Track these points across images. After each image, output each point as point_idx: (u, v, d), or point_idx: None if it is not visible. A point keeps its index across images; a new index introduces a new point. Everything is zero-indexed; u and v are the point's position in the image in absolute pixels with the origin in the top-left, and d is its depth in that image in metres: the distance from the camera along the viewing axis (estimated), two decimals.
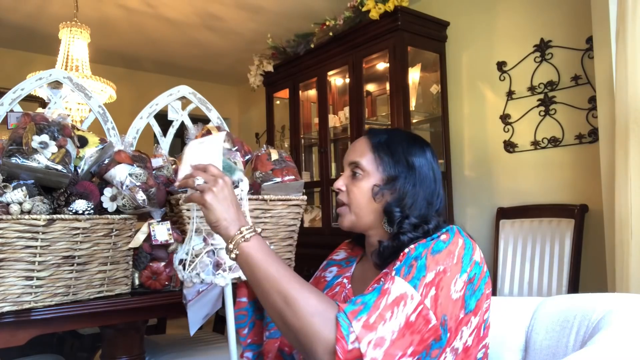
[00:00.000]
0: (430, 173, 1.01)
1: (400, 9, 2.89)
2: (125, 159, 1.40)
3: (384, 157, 1.00)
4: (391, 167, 0.99)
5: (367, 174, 1.00)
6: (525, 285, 2.50)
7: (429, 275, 0.84)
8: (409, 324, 0.79)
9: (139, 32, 4.03)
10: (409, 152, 1.01)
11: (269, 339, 1.11)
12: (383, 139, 1.02)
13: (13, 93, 1.68)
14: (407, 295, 0.81)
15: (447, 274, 0.85)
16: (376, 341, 0.76)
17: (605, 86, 2.12)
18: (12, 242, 1.16)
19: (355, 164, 1.01)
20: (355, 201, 1.00)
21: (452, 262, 0.86)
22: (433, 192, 1.00)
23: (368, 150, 1.01)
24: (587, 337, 0.91)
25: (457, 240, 0.90)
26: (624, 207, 1.90)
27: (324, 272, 1.16)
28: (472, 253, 0.90)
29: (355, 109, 3.23)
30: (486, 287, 0.91)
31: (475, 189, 3.01)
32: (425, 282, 0.83)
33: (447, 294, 0.84)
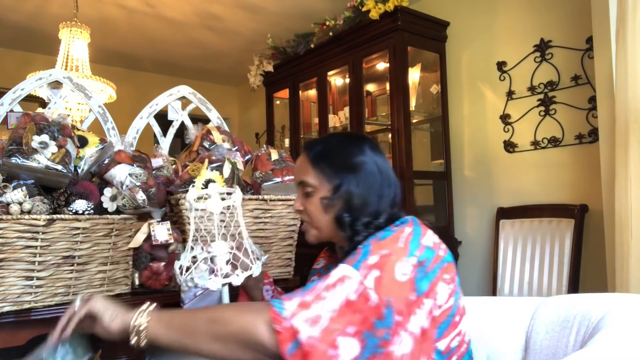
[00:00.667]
0: (373, 167, 1.01)
1: (400, 9, 2.89)
2: (125, 159, 1.40)
3: (324, 168, 1.02)
4: (333, 175, 1.01)
5: (315, 189, 1.02)
6: (525, 285, 2.50)
7: (372, 258, 0.86)
8: (349, 303, 0.81)
9: (139, 32, 4.03)
10: (346, 155, 1.02)
11: None
12: (319, 150, 1.04)
13: (13, 93, 1.68)
14: (347, 276, 0.84)
15: (392, 257, 0.87)
16: (313, 319, 0.79)
17: (605, 86, 2.12)
18: (12, 242, 1.16)
19: (302, 183, 1.04)
20: (313, 217, 1.04)
21: (397, 246, 0.89)
22: (381, 184, 1.01)
23: (309, 166, 1.03)
24: (587, 337, 0.91)
25: (405, 228, 0.93)
26: (624, 207, 1.90)
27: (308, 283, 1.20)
28: (420, 238, 0.92)
29: (355, 109, 3.23)
30: (444, 271, 0.92)
31: (475, 189, 3.01)
32: (367, 264, 0.85)
33: (392, 276, 0.85)
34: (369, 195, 0.99)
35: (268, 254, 1.62)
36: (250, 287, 1.21)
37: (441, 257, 0.92)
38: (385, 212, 0.98)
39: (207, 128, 1.72)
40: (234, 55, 4.50)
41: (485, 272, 2.91)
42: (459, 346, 0.94)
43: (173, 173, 1.61)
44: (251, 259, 1.12)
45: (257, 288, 1.22)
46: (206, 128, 1.72)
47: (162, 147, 1.84)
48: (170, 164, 1.64)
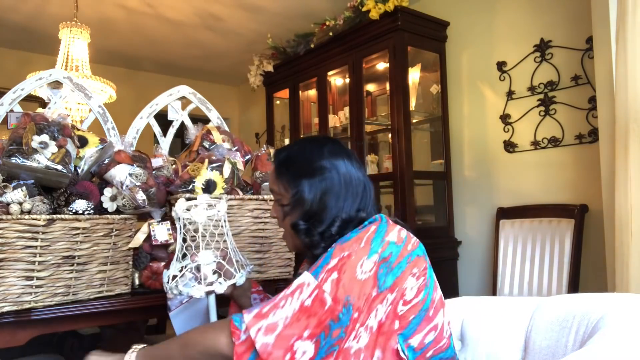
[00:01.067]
0: (331, 172, 0.99)
1: (400, 9, 2.89)
2: (125, 159, 1.40)
3: (284, 176, 1.02)
4: (291, 183, 1.01)
5: (280, 196, 1.04)
6: (525, 285, 2.50)
7: (332, 262, 0.88)
8: (304, 309, 0.84)
9: (139, 32, 4.03)
10: (303, 161, 1.01)
11: None
12: (282, 158, 1.05)
13: (13, 93, 1.68)
14: (305, 283, 0.86)
15: (352, 258, 0.88)
16: (267, 327, 0.83)
17: (605, 86, 2.12)
18: (12, 242, 1.16)
19: (272, 191, 1.06)
20: (283, 227, 1.06)
21: (359, 246, 0.90)
22: (340, 189, 0.99)
23: (274, 175, 1.05)
24: (587, 337, 0.91)
25: (370, 227, 0.94)
26: (624, 207, 1.90)
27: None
28: (384, 235, 0.92)
29: (355, 109, 3.23)
30: (412, 265, 0.92)
31: (475, 189, 3.01)
32: (327, 269, 0.87)
33: (352, 275, 0.87)
34: (325, 202, 0.98)
35: (268, 254, 1.61)
36: (237, 296, 1.22)
37: (409, 252, 0.93)
38: (339, 219, 0.97)
39: (207, 128, 1.72)
40: (234, 55, 4.50)
41: (485, 272, 2.91)
42: (435, 341, 0.94)
43: (173, 173, 1.61)
44: (235, 268, 1.14)
45: (245, 296, 1.22)
46: (206, 128, 1.72)
47: (162, 147, 1.84)
48: (170, 164, 1.64)
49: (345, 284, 0.86)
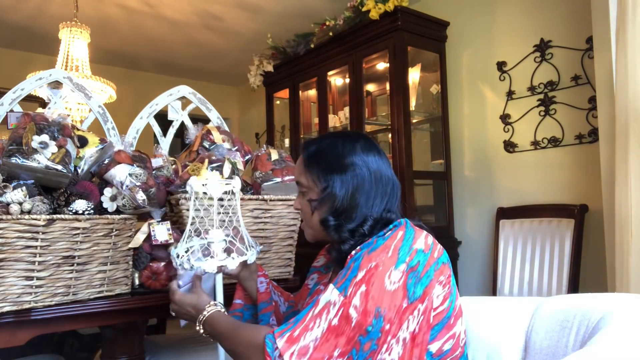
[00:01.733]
0: (363, 169, 0.98)
1: (400, 9, 2.89)
2: (125, 159, 1.40)
3: (313, 169, 1.01)
4: (321, 178, 1.00)
5: (308, 189, 1.03)
6: (525, 285, 2.50)
7: (360, 274, 0.87)
8: (332, 329, 0.84)
9: (139, 32, 4.03)
10: (335, 156, 1.00)
11: None
12: (312, 151, 1.04)
13: (13, 93, 1.68)
14: (331, 302, 0.86)
15: (380, 269, 0.87)
16: (299, 351, 0.83)
17: (605, 86, 2.12)
18: (12, 242, 1.16)
19: (298, 183, 1.06)
20: (306, 217, 1.06)
21: (387, 256, 0.88)
22: (371, 187, 0.98)
23: (303, 167, 1.04)
24: (587, 337, 0.91)
25: (397, 233, 0.92)
26: (624, 207, 1.90)
27: (308, 280, 1.22)
28: (412, 242, 0.90)
29: (355, 109, 3.23)
30: (439, 273, 0.91)
31: (475, 189, 3.01)
32: (355, 282, 0.87)
33: (381, 286, 0.86)
34: (356, 199, 0.97)
35: (268, 254, 1.62)
36: (244, 278, 1.23)
37: (435, 259, 0.91)
38: (371, 218, 0.96)
39: (207, 128, 1.72)
40: (234, 55, 4.50)
41: (485, 272, 2.91)
42: (452, 349, 0.93)
43: (173, 173, 1.61)
44: (246, 246, 1.15)
45: (251, 279, 1.23)
46: (206, 128, 1.72)
47: (162, 147, 1.84)
48: (170, 164, 1.64)
49: (374, 296, 0.85)
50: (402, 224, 0.96)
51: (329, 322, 0.85)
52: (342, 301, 0.85)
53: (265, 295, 1.22)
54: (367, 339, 0.84)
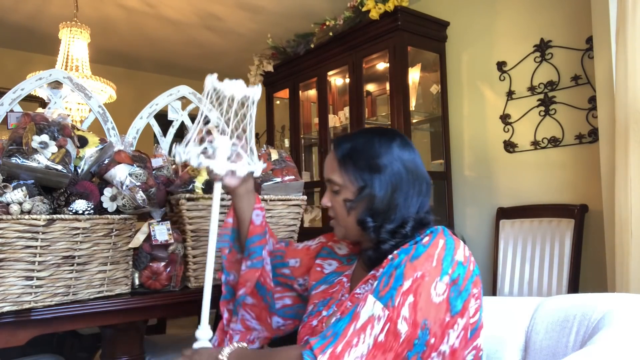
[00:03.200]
0: (400, 169, 0.96)
1: (400, 9, 2.89)
2: (125, 159, 1.40)
3: (349, 168, 0.98)
4: (357, 177, 0.97)
5: (341, 188, 0.99)
6: (525, 285, 2.50)
7: (406, 284, 0.84)
8: (378, 345, 0.80)
9: (139, 32, 4.03)
10: (371, 155, 0.97)
11: (250, 269, 1.14)
12: (346, 149, 1.00)
13: (13, 93, 1.68)
14: (375, 317, 0.82)
15: (426, 279, 0.84)
16: None
17: (605, 86, 2.12)
18: (12, 242, 1.16)
19: (329, 181, 1.02)
20: (339, 216, 1.02)
21: (431, 266, 0.85)
22: (409, 187, 0.96)
23: (336, 165, 1.00)
24: (587, 337, 0.91)
25: (438, 241, 0.89)
26: (624, 207, 1.90)
27: (323, 262, 1.16)
28: (453, 253, 0.88)
29: (355, 109, 3.23)
30: (474, 286, 0.89)
31: (475, 189, 3.01)
32: (402, 291, 0.83)
33: (428, 298, 0.83)
34: (394, 199, 0.95)
35: None
36: (241, 194, 1.15)
37: (471, 272, 0.89)
38: (411, 219, 0.95)
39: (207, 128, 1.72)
40: (234, 55, 4.50)
41: (485, 272, 2.91)
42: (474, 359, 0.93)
43: (173, 173, 1.61)
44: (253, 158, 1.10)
45: (247, 198, 1.16)
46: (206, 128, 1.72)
47: (162, 147, 1.84)
48: (170, 164, 1.64)
49: (422, 308, 0.82)
50: (440, 230, 0.93)
51: (374, 338, 0.81)
52: (387, 316, 0.82)
53: (260, 228, 1.17)
54: (413, 353, 0.82)
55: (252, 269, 1.14)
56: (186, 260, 1.48)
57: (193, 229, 1.47)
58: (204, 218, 1.48)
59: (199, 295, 1.50)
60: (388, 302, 0.83)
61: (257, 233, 1.16)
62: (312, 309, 1.07)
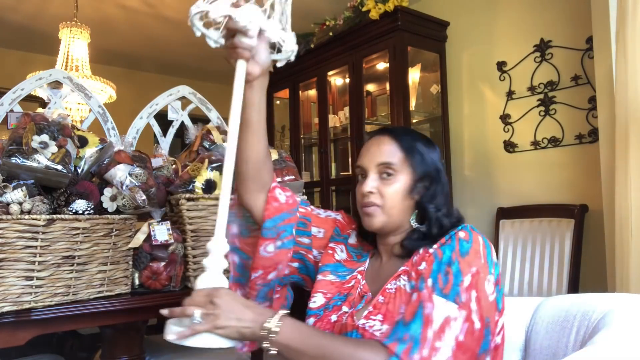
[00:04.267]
0: (443, 170, 1.05)
1: (400, 9, 2.89)
2: (125, 159, 1.40)
3: (415, 155, 1.01)
4: (420, 164, 1.01)
5: (398, 173, 0.99)
6: (525, 285, 2.50)
7: (466, 280, 0.85)
8: (460, 345, 0.81)
9: (139, 32, 4.03)
10: (428, 150, 1.03)
11: (281, 249, 1.06)
12: (408, 138, 1.03)
13: (13, 93, 1.68)
14: (451, 317, 0.82)
15: (481, 275, 0.87)
16: None
17: (605, 86, 2.12)
18: (12, 242, 1.16)
19: (386, 165, 1.00)
20: (389, 202, 0.99)
21: (481, 263, 0.89)
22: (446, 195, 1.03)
23: (397, 150, 1.01)
24: (587, 337, 0.91)
25: (477, 238, 0.93)
26: (624, 207, 1.90)
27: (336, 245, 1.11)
28: (490, 252, 0.92)
29: (355, 109, 3.23)
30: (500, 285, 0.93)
31: (475, 189, 3.01)
32: (464, 287, 0.85)
33: (485, 295, 0.86)
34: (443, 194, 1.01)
35: None
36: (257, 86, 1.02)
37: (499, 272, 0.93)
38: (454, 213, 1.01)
39: (207, 128, 1.72)
40: None
41: None
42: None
43: (173, 173, 1.61)
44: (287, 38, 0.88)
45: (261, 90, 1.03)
46: (206, 128, 1.72)
47: (162, 147, 1.84)
48: (170, 164, 1.64)
49: (484, 306, 0.85)
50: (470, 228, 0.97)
51: (455, 338, 0.81)
52: (465, 315, 0.82)
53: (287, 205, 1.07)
54: (483, 351, 0.84)
55: (283, 249, 1.07)
56: (186, 260, 1.48)
57: (193, 229, 1.47)
58: (204, 218, 1.48)
59: None
60: (456, 299, 0.83)
61: (284, 210, 1.07)
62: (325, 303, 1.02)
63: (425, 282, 0.87)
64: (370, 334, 0.88)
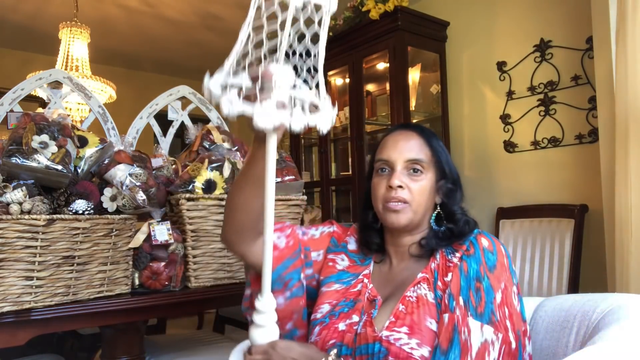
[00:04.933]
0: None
1: (400, 9, 2.89)
2: (125, 159, 1.40)
3: (442, 155, 1.01)
4: (446, 165, 1.01)
5: (427, 171, 0.99)
6: (525, 285, 2.50)
7: (498, 297, 0.86)
8: None
9: (139, 32, 4.03)
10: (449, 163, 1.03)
11: (292, 299, 1.01)
12: (432, 135, 1.03)
13: (13, 93, 1.68)
14: (488, 342, 0.81)
15: (509, 290, 0.87)
16: None
17: (605, 86, 2.12)
18: (12, 242, 1.16)
19: (415, 161, 0.98)
20: (417, 198, 0.97)
21: (508, 275, 0.89)
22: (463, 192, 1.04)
23: (425, 147, 1.00)
24: (587, 337, 0.91)
25: (500, 248, 0.92)
26: (624, 207, 1.90)
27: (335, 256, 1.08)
28: (511, 261, 0.92)
29: (355, 109, 3.23)
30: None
31: (475, 189, 3.01)
32: (497, 305, 0.85)
33: (516, 311, 0.86)
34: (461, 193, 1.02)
35: None
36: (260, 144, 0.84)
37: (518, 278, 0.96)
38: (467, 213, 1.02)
39: (207, 128, 1.72)
40: None
41: None
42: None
43: (173, 173, 1.61)
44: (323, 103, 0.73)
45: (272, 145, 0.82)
46: (206, 128, 1.72)
47: (162, 147, 1.84)
48: (170, 164, 1.64)
49: (515, 321, 0.85)
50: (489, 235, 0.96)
51: None
52: (501, 338, 0.82)
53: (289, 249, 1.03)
54: None
55: (294, 299, 1.02)
56: (186, 260, 1.48)
57: (193, 229, 1.47)
58: (204, 218, 1.48)
59: (199, 295, 1.50)
60: (492, 319, 0.83)
61: (286, 257, 1.02)
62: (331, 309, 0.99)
63: (456, 302, 0.85)
64: (398, 348, 0.85)
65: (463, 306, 0.84)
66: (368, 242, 1.04)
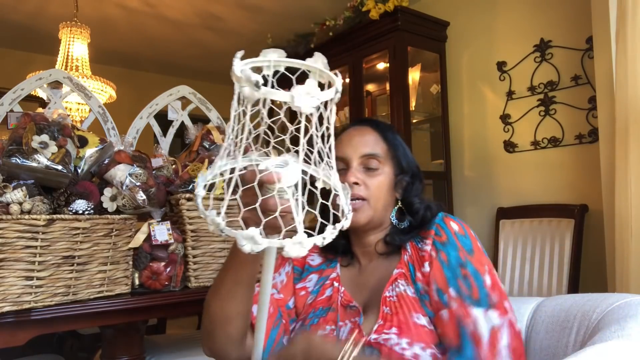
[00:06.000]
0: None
1: (400, 9, 2.89)
2: (125, 159, 1.40)
3: (399, 148, 0.99)
4: (404, 158, 0.99)
5: (383, 166, 0.96)
6: (525, 285, 2.50)
7: (487, 279, 0.85)
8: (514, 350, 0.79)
9: (139, 32, 4.03)
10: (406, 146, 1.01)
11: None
12: (390, 131, 1.01)
13: (13, 93, 1.68)
14: (496, 327, 0.80)
15: (492, 271, 0.87)
16: None
17: (605, 86, 2.12)
18: (12, 242, 1.16)
19: (370, 156, 0.95)
20: (375, 195, 0.94)
21: (485, 257, 0.89)
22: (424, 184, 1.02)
23: (381, 141, 0.98)
24: (587, 337, 0.91)
25: (470, 231, 0.93)
26: (624, 207, 1.90)
27: (304, 283, 1.02)
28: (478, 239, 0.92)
29: (355, 109, 3.23)
30: None
31: (475, 189, 3.01)
32: (489, 287, 0.84)
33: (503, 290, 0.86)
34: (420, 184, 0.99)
35: None
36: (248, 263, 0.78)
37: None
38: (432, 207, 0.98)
39: (207, 128, 1.72)
40: (233, 55, 4.50)
41: None
42: None
43: (173, 173, 1.61)
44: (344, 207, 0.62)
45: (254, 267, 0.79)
46: (206, 128, 1.72)
47: (162, 147, 1.84)
48: (170, 164, 1.64)
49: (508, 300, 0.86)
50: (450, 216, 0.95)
51: (508, 346, 0.79)
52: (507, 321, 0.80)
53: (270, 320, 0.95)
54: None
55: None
56: (186, 260, 1.48)
57: (193, 229, 1.47)
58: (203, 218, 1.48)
59: (199, 295, 1.50)
60: (490, 303, 0.82)
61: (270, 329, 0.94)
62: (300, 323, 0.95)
63: (447, 294, 0.83)
64: (389, 348, 0.82)
65: (457, 297, 0.82)
66: (334, 245, 0.94)
